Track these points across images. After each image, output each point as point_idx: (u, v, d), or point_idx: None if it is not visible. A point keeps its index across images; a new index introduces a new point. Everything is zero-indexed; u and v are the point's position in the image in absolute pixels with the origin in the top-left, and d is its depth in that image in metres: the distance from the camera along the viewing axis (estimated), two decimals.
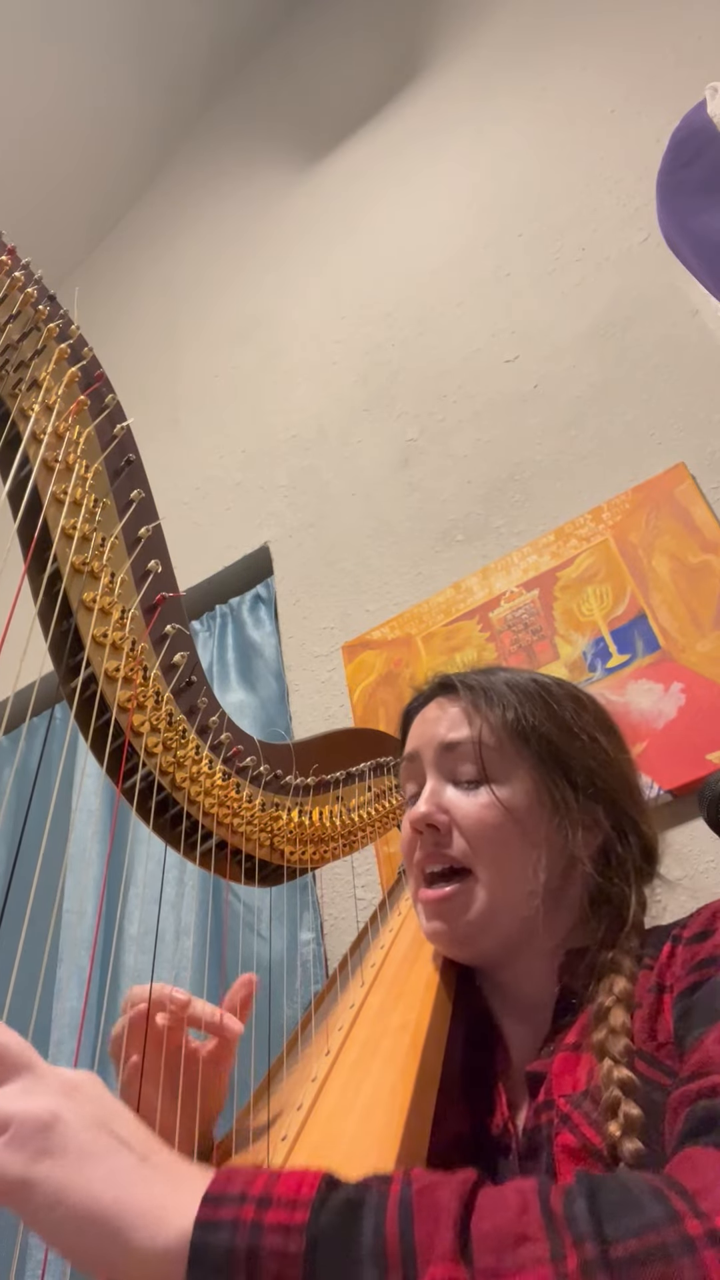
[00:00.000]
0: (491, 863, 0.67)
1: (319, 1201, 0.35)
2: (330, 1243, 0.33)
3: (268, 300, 2.55)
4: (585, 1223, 0.33)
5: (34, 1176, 0.35)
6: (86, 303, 3.10)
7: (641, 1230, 0.33)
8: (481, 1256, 0.33)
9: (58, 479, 0.62)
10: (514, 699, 0.72)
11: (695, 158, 1.51)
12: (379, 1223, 0.34)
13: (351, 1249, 0.33)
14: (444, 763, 0.72)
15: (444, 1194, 0.35)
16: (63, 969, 1.57)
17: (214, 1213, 0.35)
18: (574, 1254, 0.32)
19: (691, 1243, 0.32)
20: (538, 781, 0.69)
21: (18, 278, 0.64)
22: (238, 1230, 0.34)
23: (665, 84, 1.91)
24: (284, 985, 1.33)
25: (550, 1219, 0.34)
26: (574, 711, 0.73)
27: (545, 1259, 0.32)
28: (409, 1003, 0.65)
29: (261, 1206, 0.35)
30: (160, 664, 0.66)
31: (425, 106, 2.49)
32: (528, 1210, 0.35)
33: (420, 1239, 0.33)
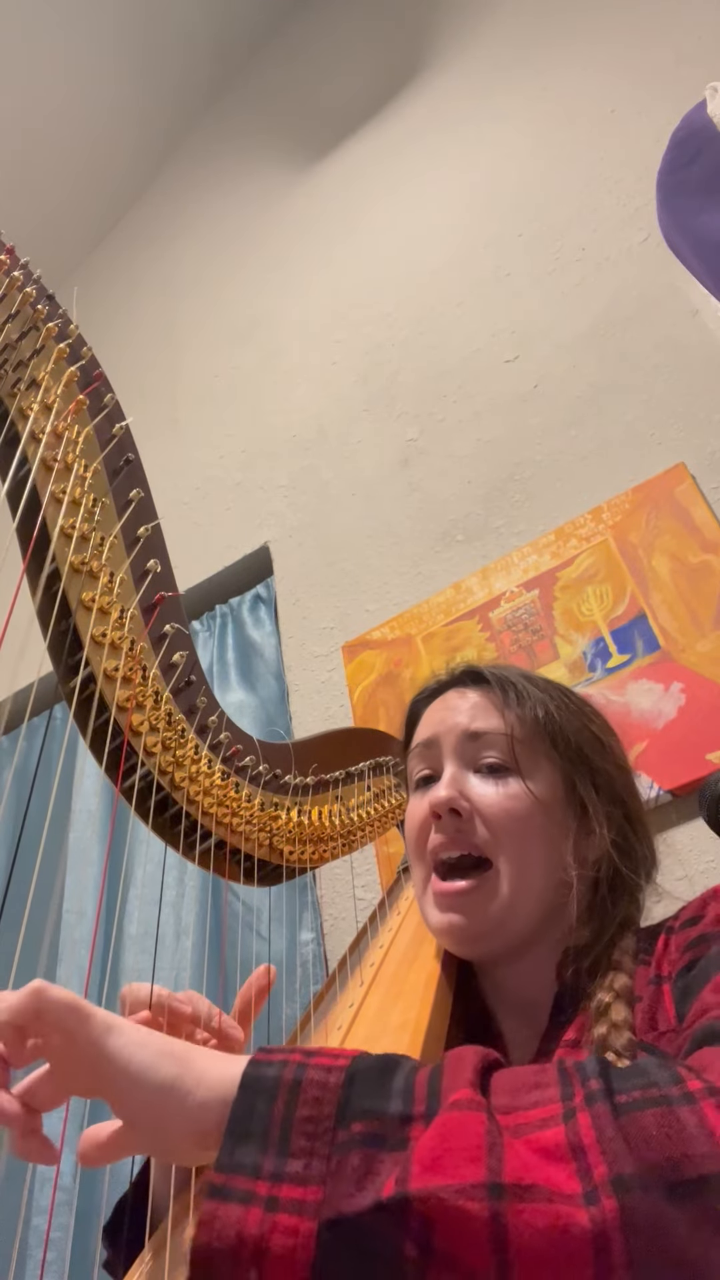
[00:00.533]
0: (514, 854, 0.66)
1: (360, 1057, 0.40)
2: (365, 1079, 0.38)
3: (268, 300, 2.55)
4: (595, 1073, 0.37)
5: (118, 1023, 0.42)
6: (86, 302, 3.09)
7: (646, 1085, 0.36)
8: (498, 1095, 0.38)
9: (56, 478, 0.62)
10: (543, 698, 0.72)
11: (695, 158, 1.51)
12: (410, 1075, 0.39)
13: (385, 1085, 0.38)
14: (466, 751, 0.71)
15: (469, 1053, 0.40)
16: (63, 969, 1.57)
17: (267, 1056, 0.40)
18: (580, 1091, 0.36)
19: (691, 1095, 0.35)
20: (564, 779, 0.69)
21: (16, 277, 0.64)
22: (286, 1067, 0.39)
23: (665, 84, 1.91)
24: (284, 985, 1.33)
25: (564, 1073, 0.38)
26: (593, 717, 0.75)
27: (556, 1098, 0.37)
28: (408, 1001, 0.65)
29: (308, 1055, 0.40)
30: (159, 663, 0.66)
31: (425, 106, 2.49)
32: (545, 1070, 0.39)
33: (446, 1083, 0.38)
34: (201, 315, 2.75)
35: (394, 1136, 0.35)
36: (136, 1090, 0.40)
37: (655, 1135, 0.33)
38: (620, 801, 0.71)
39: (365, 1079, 0.38)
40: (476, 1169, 0.32)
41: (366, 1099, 0.37)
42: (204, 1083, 0.40)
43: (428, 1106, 0.36)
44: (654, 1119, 0.34)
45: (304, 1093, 0.37)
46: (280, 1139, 0.36)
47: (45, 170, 3.07)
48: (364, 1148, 0.35)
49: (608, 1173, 0.32)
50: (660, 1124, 0.33)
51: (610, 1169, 0.32)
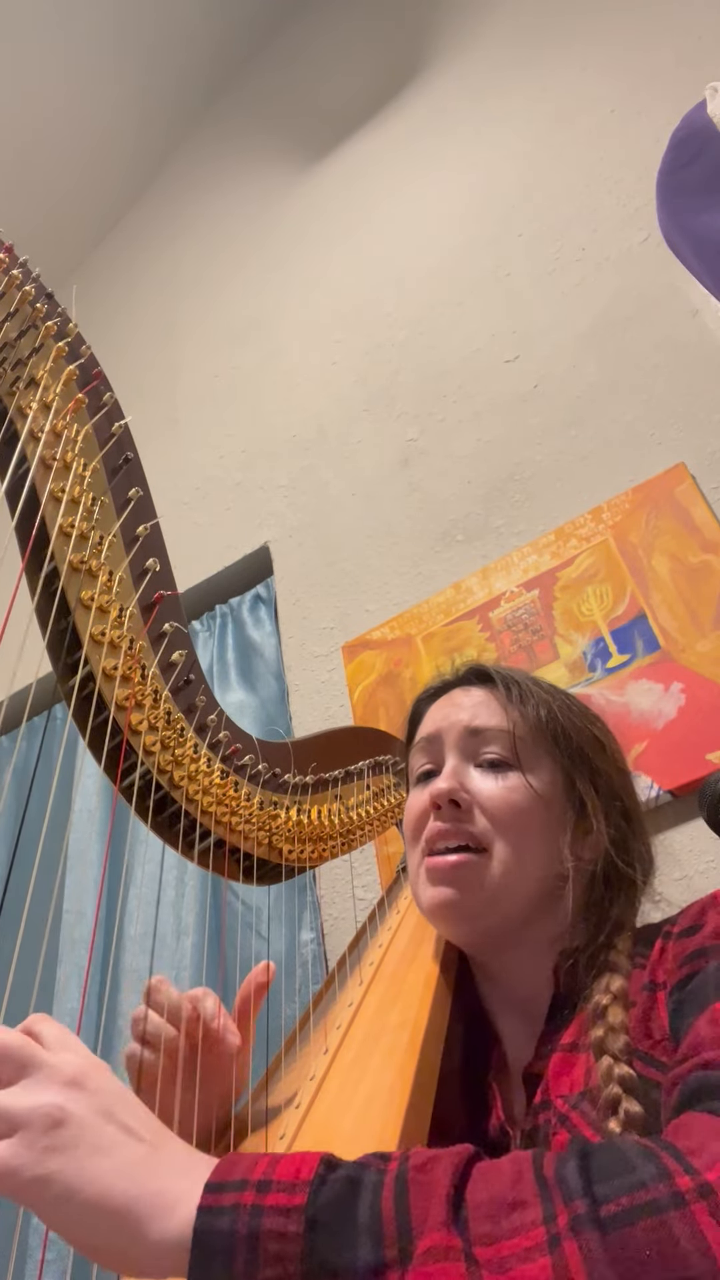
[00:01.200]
0: (510, 843, 0.67)
1: (318, 1182, 0.36)
2: (328, 1221, 0.34)
3: (268, 300, 2.55)
4: (576, 1183, 0.34)
5: (46, 1173, 0.36)
6: (86, 302, 3.11)
7: (632, 1188, 0.33)
8: (477, 1224, 0.34)
9: (55, 477, 0.62)
10: (546, 698, 0.73)
11: (695, 157, 1.51)
12: (375, 1199, 0.35)
13: (348, 1226, 0.34)
14: (468, 746, 0.72)
15: (439, 1168, 0.36)
16: (62, 969, 1.57)
17: (216, 1199, 0.36)
18: (565, 1213, 0.33)
19: (681, 1196, 0.33)
20: (564, 777, 0.70)
21: (15, 275, 0.64)
22: (239, 1215, 0.35)
23: (665, 84, 1.91)
24: (283, 985, 1.32)
25: (543, 1184, 0.35)
26: (594, 721, 0.75)
27: (538, 1221, 0.33)
28: (407, 1001, 0.64)
29: (261, 1190, 0.36)
30: (158, 662, 0.66)
31: (425, 106, 2.49)
32: (521, 1178, 0.36)
33: (415, 1213, 0.34)
34: (201, 315, 2.75)
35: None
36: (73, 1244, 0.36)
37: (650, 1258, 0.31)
38: (619, 802, 0.72)
39: (327, 1223, 0.34)
40: None
41: (332, 1251, 0.34)
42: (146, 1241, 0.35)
43: (400, 1249, 0.33)
44: (644, 1235, 0.32)
45: (263, 1249, 0.34)
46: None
47: (45, 170, 3.07)
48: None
49: None
50: (652, 1241, 0.31)
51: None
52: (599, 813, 0.69)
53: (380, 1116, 0.49)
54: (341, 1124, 0.51)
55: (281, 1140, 0.52)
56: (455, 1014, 0.66)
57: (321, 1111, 0.54)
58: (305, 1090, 0.58)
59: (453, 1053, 0.61)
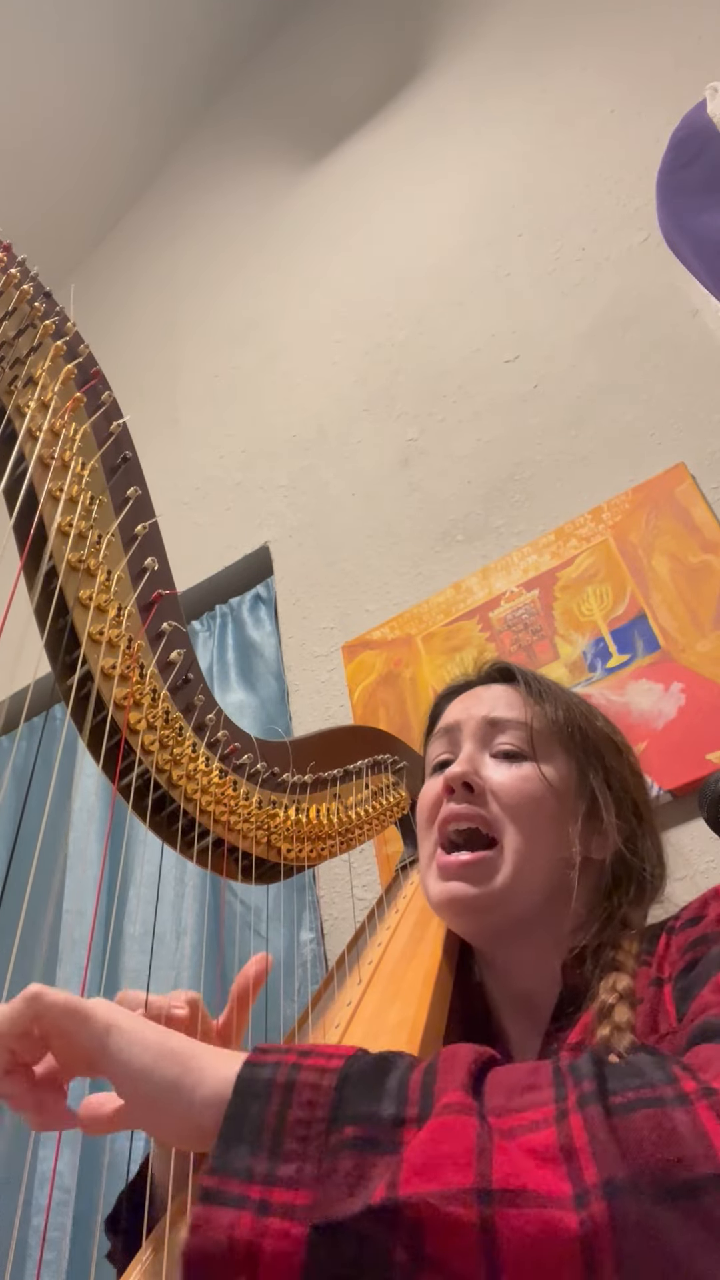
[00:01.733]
0: (521, 833, 0.69)
1: (354, 1058, 0.39)
2: (359, 1081, 0.38)
3: (268, 300, 2.56)
4: (589, 1073, 0.37)
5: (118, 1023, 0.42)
6: (86, 302, 3.11)
7: (641, 1085, 0.36)
8: (492, 1097, 0.37)
9: (54, 476, 0.61)
10: (566, 699, 0.76)
11: (695, 157, 1.51)
12: (405, 1075, 0.39)
13: (377, 1088, 0.38)
14: (486, 736, 0.74)
15: (463, 1054, 0.40)
16: (62, 969, 1.57)
17: (261, 1058, 0.40)
18: (574, 1092, 0.36)
19: (686, 1096, 0.35)
20: (578, 774, 0.72)
21: (13, 274, 0.64)
22: (279, 1069, 0.39)
23: (665, 84, 1.91)
24: (283, 985, 1.32)
25: (558, 1073, 0.38)
26: (613, 728, 0.77)
27: (550, 1100, 0.36)
28: (406, 1000, 0.64)
29: (303, 1055, 0.39)
30: (157, 661, 0.66)
31: (425, 106, 2.49)
32: (538, 1071, 0.39)
33: (439, 1085, 0.37)
34: (201, 315, 2.75)
35: (386, 1140, 0.35)
36: (137, 1091, 0.40)
37: (648, 1138, 0.33)
38: (632, 804, 0.73)
39: (359, 1081, 0.38)
40: (466, 1174, 0.32)
41: (359, 1102, 0.37)
42: (203, 1083, 0.40)
43: (420, 1108, 0.36)
44: (646, 1121, 0.33)
45: (297, 1095, 0.37)
46: (273, 1142, 0.36)
47: (45, 170, 3.08)
48: (356, 1151, 0.35)
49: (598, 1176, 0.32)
50: (653, 1126, 0.33)
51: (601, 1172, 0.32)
52: (610, 809, 0.71)
53: None
54: None
55: None
56: (457, 1012, 0.66)
57: None
58: None
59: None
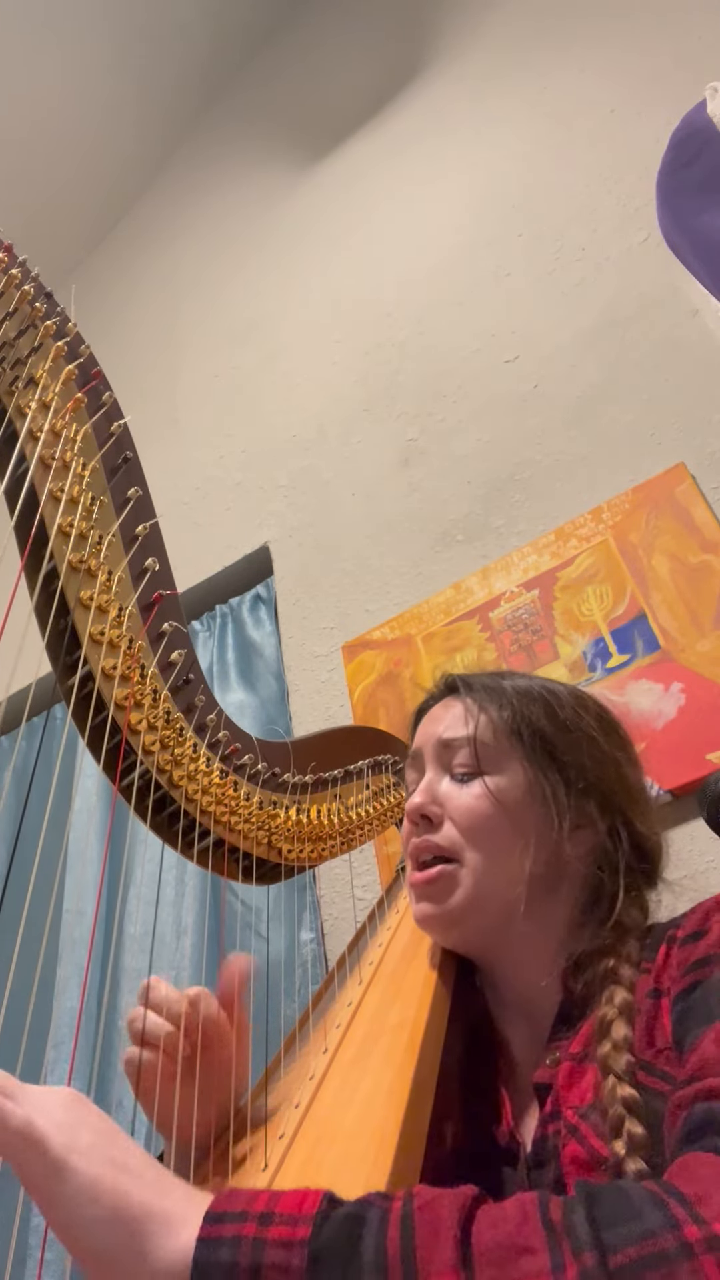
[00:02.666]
0: (478, 850, 0.68)
1: (320, 1217, 0.35)
2: (332, 1257, 0.34)
3: (268, 300, 2.56)
4: (584, 1232, 0.34)
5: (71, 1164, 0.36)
6: (86, 302, 3.11)
7: (640, 1238, 0.33)
8: (483, 1269, 0.33)
9: (54, 476, 0.62)
10: (513, 698, 0.73)
11: (695, 158, 1.51)
12: (380, 1237, 0.35)
13: (353, 1262, 0.34)
14: (442, 758, 0.74)
15: (444, 1208, 0.36)
16: (62, 969, 1.57)
17: (216, 1230, 0.35)
18: (573, 1264, 0.33)
19: (690, 1248, 0.32)
20: (529, 774, 0.70)
21: (14, 275, 0.64)
22: (240, 1246, 0.34)
23: (665, 84, 1.91)
24: (283, 985, 1.32)
25: (550, 1230, 0.35)
26: (573, 711, 0.74)
27: (546, 1270, 0.33)
28: (406, 1000, 0.64)
29: (264, 1223, 0.35)
30: (158, 661, 0.66)
31: (425, 107, 2.49)
32: (527, 1222, 0.35)
33: (421, 1253, 0.34)
34: (202, 315, 2.75)
35: None
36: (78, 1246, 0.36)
37: None
38: (600, 794, 0.70)
39: (332, 1258, 0.34)
40: None
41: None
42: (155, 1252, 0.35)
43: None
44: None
45: None
46: None
47: (45, 170, 3.08)
48: None
49: None
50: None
51: None
52: (570, 809, 0.68)
53: (379, 1116, 0.49)
54: (341, 1123, 0.51)
55: (281, 1139, 0.52)
56: (455, 1015, 0.66)
57: (321, 1111, 0.54)
58: (305, 1089, 0.58)
59: (453, 1052, 0.61)
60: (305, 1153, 0.50)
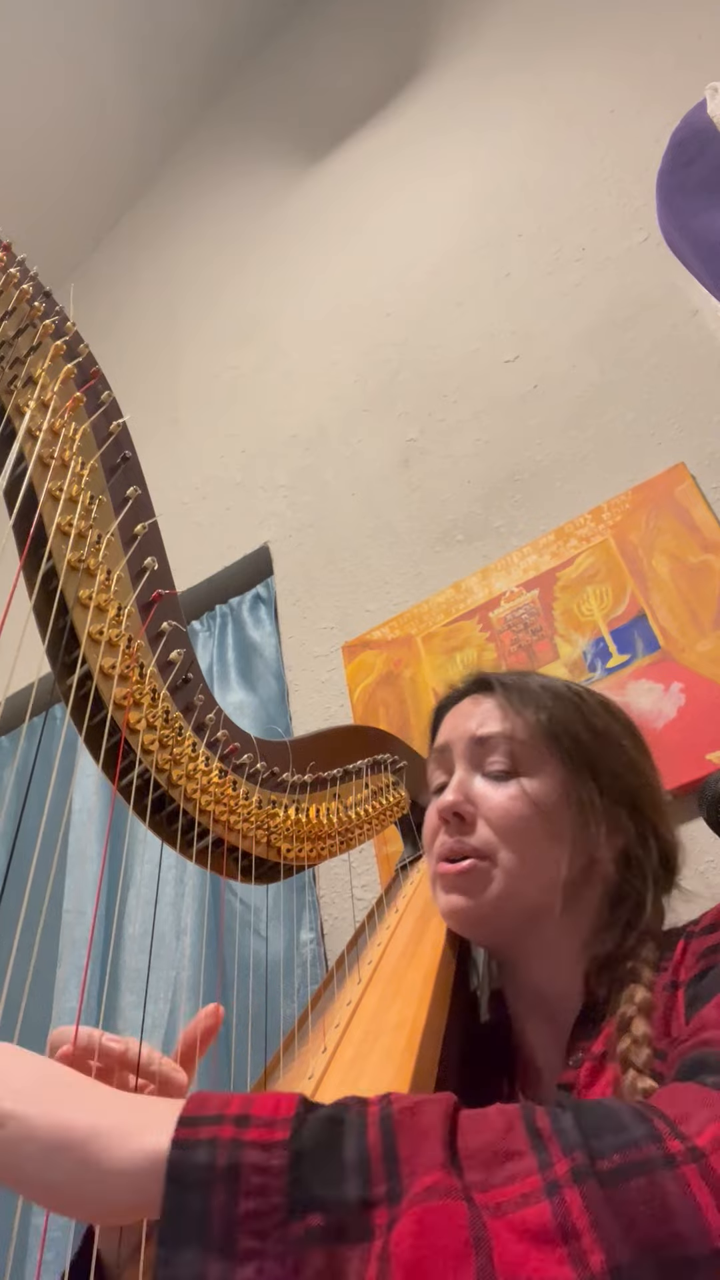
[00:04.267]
0: (513, 851, 0.68)
1: (298, 1120, 0.35)
2: (313, 1156, 0.33)
3: (268, 300, 2.56)
4: (572, 1136, 0.34)
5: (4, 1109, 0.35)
6: (87, 302, 3.11)
7: (625, 1146, 0.34)
8: (470, 1171, 0.34)
9: (53, 476, 0.61)
10: (548, 701, 0.74)
11: (695, 157, 1.51)
12: (361, 1138, 0.35)
13: (334, 1161, 0.33)
14: (474, 755, 0.73)
15: (427, 1113, 0.36)
16: (62, 969, 1.57)
17: (191, 1133, 0.34)
18: (563, 1162, 0.33)
19: (673, 1159, 0.33)
20: (565, 780, 0.70)
21: (13, 274, 0.64)
22: (217, 1147, 0.33)
23: (665, 84, 1.91)
24: (283, 985, 1.32)
25: (536, 1134, 0.35)
26: (604, 717, 0.75)
27: (534, 1170, 0.33)
28: (406, 1000, 0.64)
29: (240, 1125, 0.34)
30: (156, 661, 0.66)
31: (425, 107, 2.49)
32: (513, 1128, 0.35)
33: (405, 1152, 0.34)
34: (202, 315, 2.75)
35: (356, 1227, 0.32)
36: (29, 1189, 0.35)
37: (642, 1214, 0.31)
38: (630, 801, 0.71)
39: (313, 1156, 0.33)
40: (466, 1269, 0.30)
41: (318, 1183, 0.33)
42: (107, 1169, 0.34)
43: (389, 1185, 0.33)
44: (639, 1193, 0.32)
45: (244, 1181, 0.32)
46: (223, 1240, 0.31)
47: (45, 170, 3.08)
48: (324, 1245, 0.31)
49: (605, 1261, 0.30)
50: (646, 1198, 0.31)
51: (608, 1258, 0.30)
52: (601, 815, 0.69)
53: None
54: None
55: None
56: (455, 1013, 0.66)
57: None
58: (304, 1089, 0.58)
59: (451, 1050, 0.61)
60: None
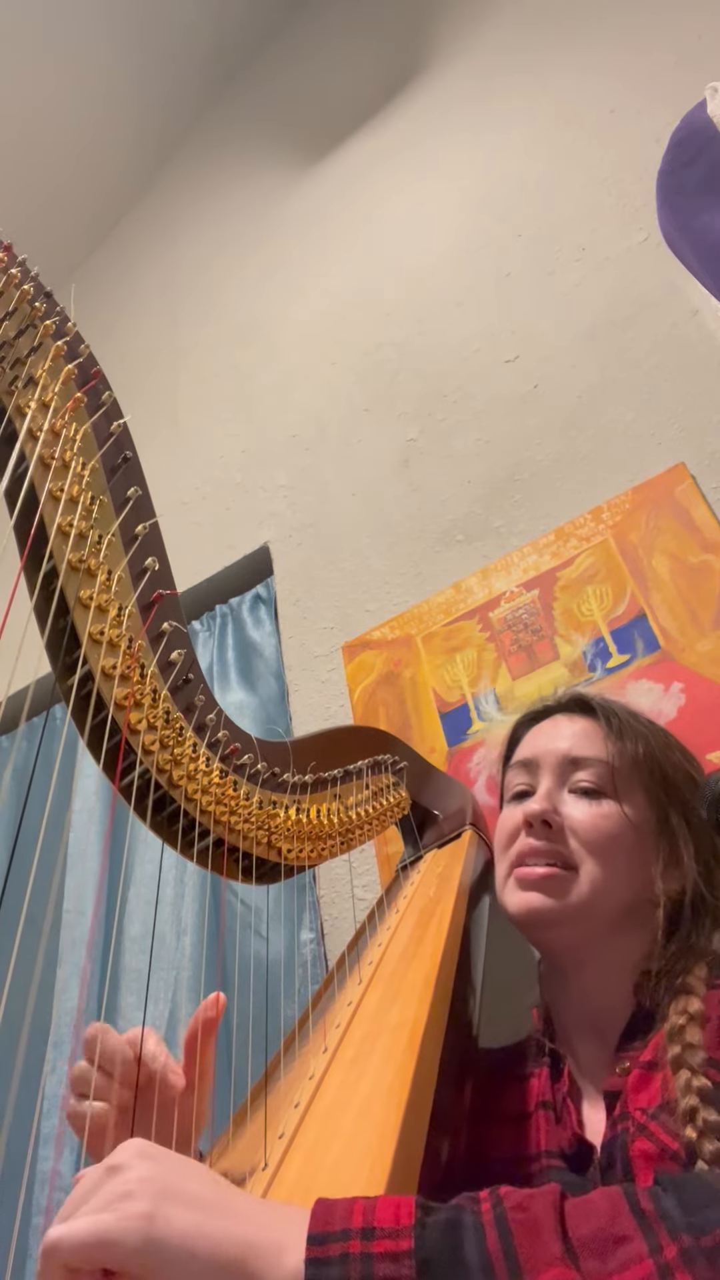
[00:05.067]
0: (599, 863, 0.70)
1: (419, 1226, 0.36)
2: (439, 1262, 0.35)
3: (268, 300, 2.56)
4: (676, 1217, 0.37)
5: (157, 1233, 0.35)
6: (87, 302, 3.11)
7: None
8: (586, 1259, 0.35)
9: (54, 476, 0.61)
10: (645, 734, 0.77)
11: (695, 157, 1.51)
12: (480, 1238, 0.36)
13: (459, 1266, 0.35)
14: (565, 772, 0.76)
15: (539, 1206, 0.38)
16: (62, 969, 1.57)
17: (323, 1251, 0.35)
18: (672, 1246, 0.35)
19: None
20: (657, 811, 0.73)
21: (14, 274, 0.64)
22: (349, 1264, 0.35)
23: (665, 84, 1.91)
24: (283, 985, 1.32)
25: (642, 1218, 0.37)
26: (681, 756, 0.78)
27: (645, 1254, 0.35)
28: (406, 1000, 0.64)
29: (366, 1238, 0.36)
30: (157, 661, 0.66)
31: (425, 107, 2.49)
32: (619, 1214, 0.37)
33: (523, 1249, 0.35)
34: (202, 316, 2.75)
35: None
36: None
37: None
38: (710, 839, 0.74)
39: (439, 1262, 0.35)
40: None
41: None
42: None
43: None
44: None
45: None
46: None
47: (46, 170, 3.08)
48: None
49: None
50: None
51: None
52: (690, 847, 0.72)
53: (379, 1115, 0.49)
54: (341, 1123, 0.51)
55: (281, 1139, 0.52)
56: (455, 1015, 0.66)
57: (320, 1110, 0.54)
58: (304, 1089, 0.58)
59: (451, 1050, 0.61)
60: (305, 1152, 0.50)
